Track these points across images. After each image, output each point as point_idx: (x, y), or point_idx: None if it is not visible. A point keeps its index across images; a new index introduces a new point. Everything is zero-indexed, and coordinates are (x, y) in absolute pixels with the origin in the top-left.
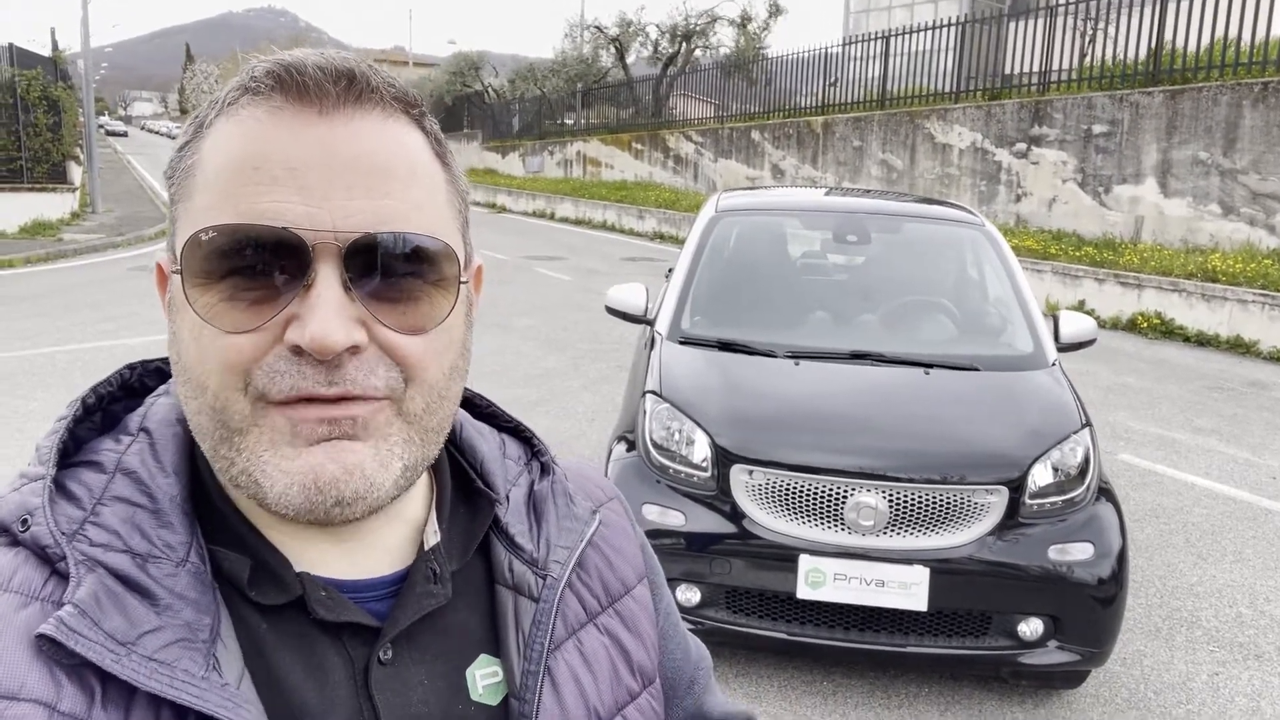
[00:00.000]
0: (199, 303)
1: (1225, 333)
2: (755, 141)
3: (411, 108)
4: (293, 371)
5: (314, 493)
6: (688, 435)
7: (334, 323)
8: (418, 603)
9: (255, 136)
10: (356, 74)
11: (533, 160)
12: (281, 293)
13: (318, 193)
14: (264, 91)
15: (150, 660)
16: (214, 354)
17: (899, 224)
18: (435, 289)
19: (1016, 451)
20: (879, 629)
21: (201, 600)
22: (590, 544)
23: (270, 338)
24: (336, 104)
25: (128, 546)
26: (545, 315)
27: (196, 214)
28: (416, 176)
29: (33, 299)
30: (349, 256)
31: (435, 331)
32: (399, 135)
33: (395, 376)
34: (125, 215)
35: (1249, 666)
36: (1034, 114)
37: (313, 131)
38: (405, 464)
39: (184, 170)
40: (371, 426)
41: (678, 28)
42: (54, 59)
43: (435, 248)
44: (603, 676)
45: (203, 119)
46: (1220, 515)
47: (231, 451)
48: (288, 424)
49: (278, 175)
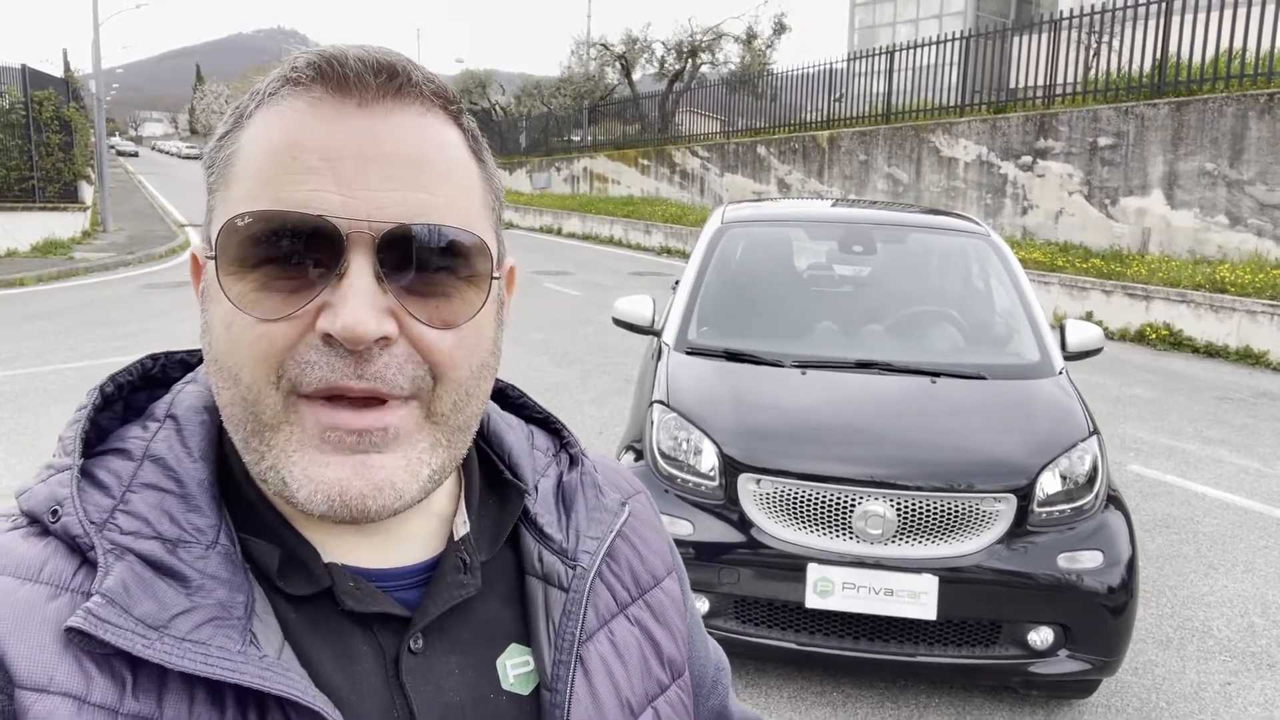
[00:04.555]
0: (233, 290)
1: (1234, 344)
2: (761, 156)
3: (450, 104)
4: (323, 362)
5: (339, 505)
6: (695, 445)
7: (366, 311)
8: (448, 592)
9: (294, 126)
10: (397, 68)
11: (540, 177)
12: (315, 282)
13: (354, 183)
14: (304, 82)
15: (184, 641)
16: (246, 343)
17: (904, 234)
18: (467, 284)
19: (1024, 459)
20: (888, 638)
21: (234, 580)
22: (620, 535)
23: (302, 326)
24: (376, 96)
25: (157, 532)
26: (554, 329)
27: (234, 201)
28: (453, 172)
29: (44, 317)
30: (383, 247)
31: (466, 328)
32: (437, 130)
33: (423, 375)
34: (136, 234)
35: (1262, 676)
36: (1039, 127)
37: (352, 122)
38: (433, 469)
39: (223, 160)
40: (402, 435)
41: (683, 44)
42: (66, 80)
43: (469, 242)
44: (634, 667)
45: (243, 109)
46: (1231, 525)
47: (262, 446)
48: (317, 428)
49: (315, 164)
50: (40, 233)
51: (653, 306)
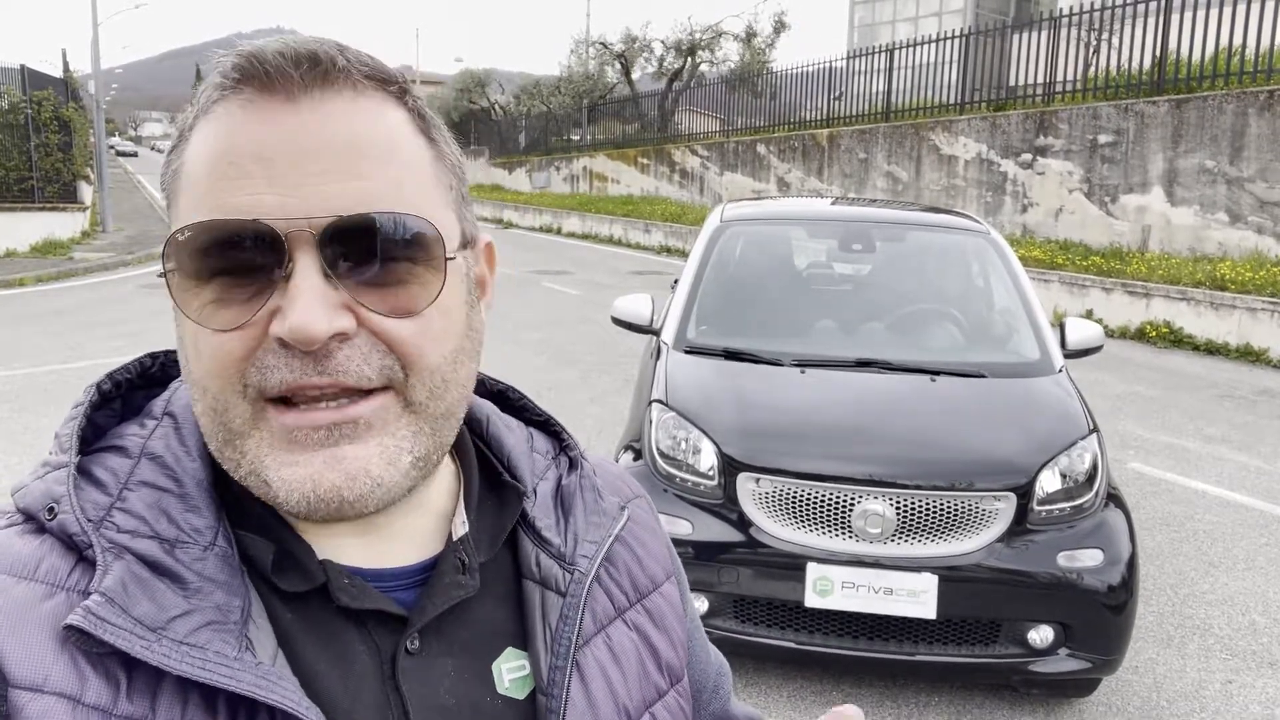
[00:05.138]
0: (191, 306)
1: (1235, 341)
2: (761, 155)
3: (388, 84)
4: (281, 365)
5: (315, 501)
6: (694, 444)
7: (315, 311)
8: (446, 592)
9: (228, 132)
10: (320, 55)
11: (539, 176)
12: (264, 287)
13: (288, 181)
14: (233, 86)
15: (181, 644)
16: (208, 355)
17: (904, 232)
18: (423, 269)
19: (1024, 458)
20: (888, 637)
21: (231, 583)
22: (618, 539)
23: (258, 333)
24: (303, 88)
25: (155, 532)
26: (553, 329)
27: (180, 216)
28: (394, 154)
29: (44, 317)
30: (325, 243)
31: (428, 313)
32: (373, 113)
33: (391, 364)
34: (135, 234)
35: (1263, 674)
36: (1039, 125)
37: (280, 119)
38: (416, 456)
39: (170, 176)
40: (376, 424)
41: (683, 43)
42: (65, 80)
43: (416, 226)
44: (631, 673)
45: (184, 124)
46: (1231, 523)
47: (235, 454)
48: (283, 430)
49: (249, 168)
50: (40, 233)
51: (652, 305)
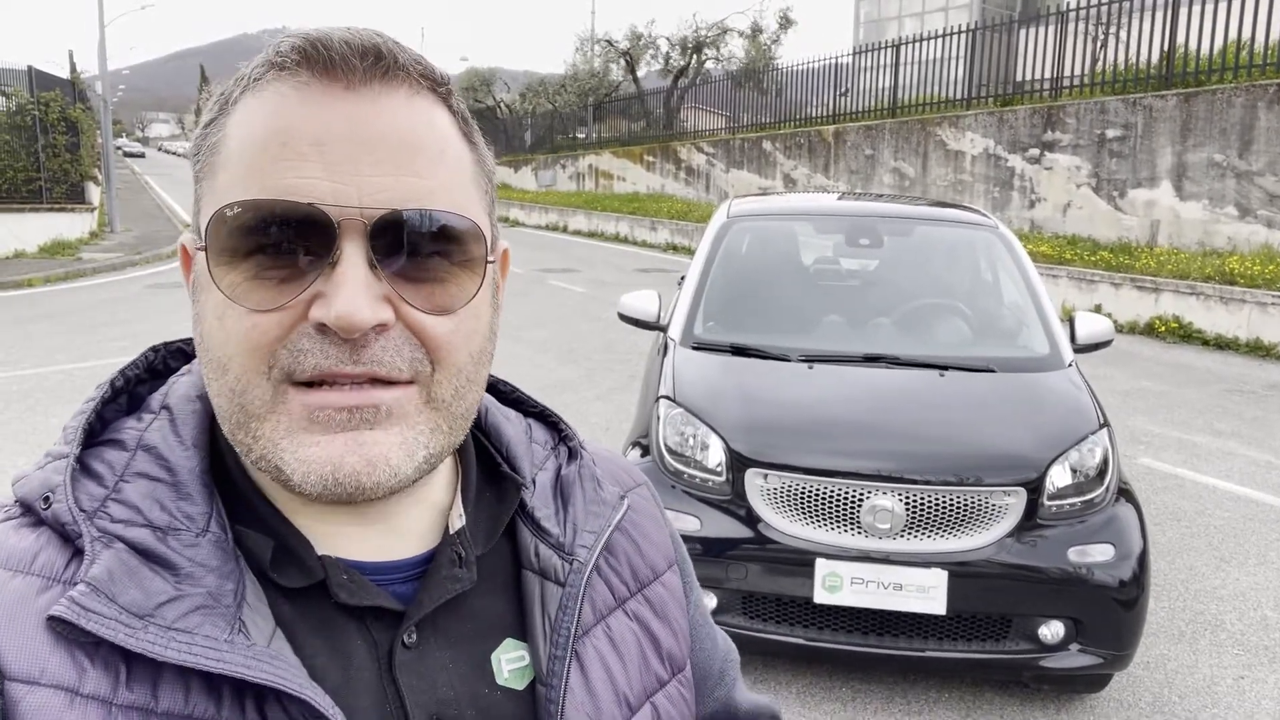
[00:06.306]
0: (224, 281)
1: (1244, 336)
2: (767, 152)
3: (439, 86)
4: (317, 350)
5: (333, 483)
6: (702, 440)
7: (360, 300)
8: (442, 586)
9: (281, 112)
10: (384, 50)
11: (545, 174)
12: (306, 271)
13: (344, 169)
14: (290, 67)
15: (169, 630)
16: (238, 333)
17: (911, 227)
18: (462, 269)
19: (1034, 453)
20: (898, 633)
21: (224, 568)
22: (618, 529)
23: (295, 316)
24: (364, 80)
25: (148, 520)
26: (559, 327)
27: (221, 191)
28: (444, 155)
29: (52, 317)
30: (375, 234)
31: (462, 313)
32: (426, 113)
33: (421, 359)
34: (143, 235)
35: (1275, 669)
36: (1046, 119)
37: (339, 107)
38: (430, 452)
39: (209, 147)
40: (397, 414)
41: (688, 40)
42: (72, 81)
43: (463, 226)
44: (631, 663)
45: (228, 95)
46: (1242, 518)
47: (249, 438)
48: (304, 410)
49: (304, 151)
50: (48, 234)
51: (658, 302)
